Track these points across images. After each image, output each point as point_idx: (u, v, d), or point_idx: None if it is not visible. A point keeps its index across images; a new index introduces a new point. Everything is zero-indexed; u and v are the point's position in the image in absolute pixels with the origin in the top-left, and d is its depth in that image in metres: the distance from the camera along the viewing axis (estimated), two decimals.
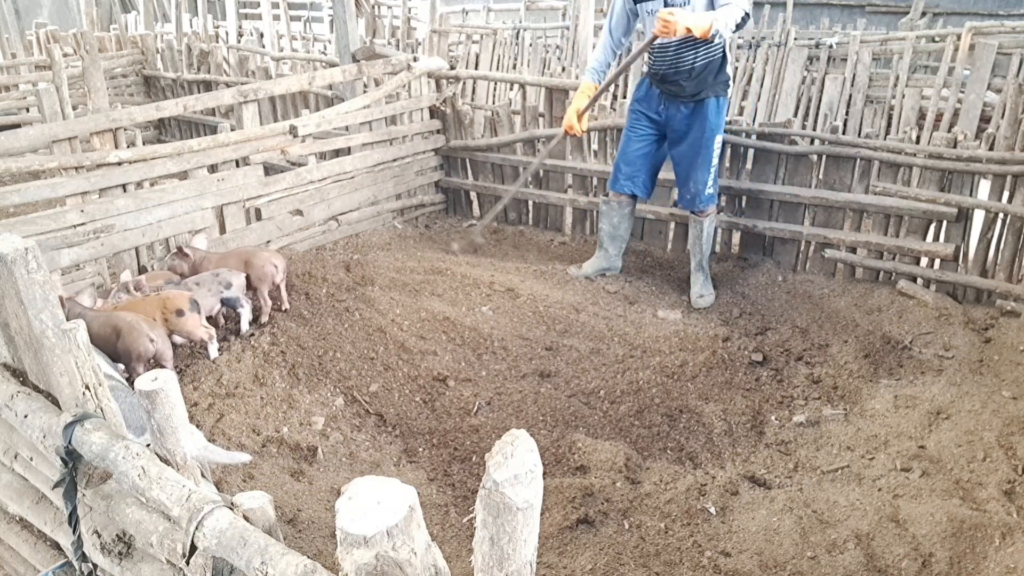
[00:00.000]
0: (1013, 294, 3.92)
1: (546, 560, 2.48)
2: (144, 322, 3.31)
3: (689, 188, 4.19)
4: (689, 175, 4.15)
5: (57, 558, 1.97)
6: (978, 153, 3.96)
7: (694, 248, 4.34)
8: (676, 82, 4.00)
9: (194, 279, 3.76)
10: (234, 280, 3.77)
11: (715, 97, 4.01)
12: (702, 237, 4.28)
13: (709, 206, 4.22)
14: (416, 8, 12.55)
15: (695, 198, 4.19)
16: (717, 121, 4.05)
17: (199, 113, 7.43)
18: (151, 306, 3.46)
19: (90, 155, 3.96)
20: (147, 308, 3.45)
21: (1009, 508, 2.62)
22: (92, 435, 1.59)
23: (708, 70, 3.95)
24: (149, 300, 3.50)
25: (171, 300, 3.48)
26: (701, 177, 4.11)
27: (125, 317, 3.32)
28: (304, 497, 2.79)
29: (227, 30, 13.34)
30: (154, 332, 3.30)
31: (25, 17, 14.38)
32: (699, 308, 4.21)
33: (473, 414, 3.33)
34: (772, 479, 2.93)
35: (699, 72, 3.94)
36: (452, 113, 5.60)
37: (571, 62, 8.82)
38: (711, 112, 4.01)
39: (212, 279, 3.74)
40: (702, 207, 4.20)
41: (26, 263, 1.62)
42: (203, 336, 3.53)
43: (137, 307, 3.46)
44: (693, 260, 4.36)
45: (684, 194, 4.26)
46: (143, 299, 3.53)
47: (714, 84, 3.99)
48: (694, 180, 4.14)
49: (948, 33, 8.14)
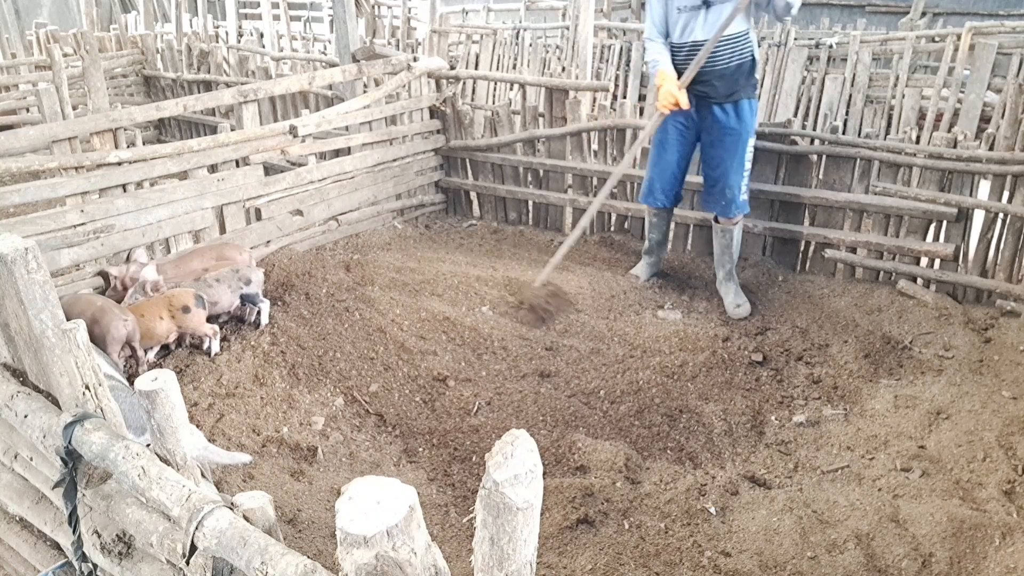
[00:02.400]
0: (1013, 294, 3.92)
1: (546, 560, 2.48)
2: (114, 305, 3.42)
3: (724, 195, 4.04)
4: (723, 180, 4.02)
5: (57, 558, 1.97)
6: (978, 153, 3.96)
7: (722, 258, 4.23)
8: (709, 83, 3.90)
9: (214, 275, 3.84)
10: (253, 276, 3.87)
11: (747, 99, 3.94)
12: (732, 246, 4.19)
13: (742, 213, 4.12)
14: (416, 8, 12.55)
15: (729, 205, 4.05)
16: (752, 122, 3.98)
17: (199, 113, 7.43)
18: (159, 304, 3.54)
19: (90, 155, 3.96)
20: (155, 306, 3.53)
21: (1009, 508, 2.62)
22: (92, 435, 1.59)
23: (740, 71, 3.89)
24: (156, 299, 3.57)
25: (177, 297, 3.57)
26: (735, 182, 4.00)
27: (95, 301, 3.39)
28: (304, 497, 2.79)
29: (227, 30, 13.34)
30: (125, 314, 3.39)
31: (25, 17, 14.37)
32: (739, 318, 4.10)
33: (473, 414, 3.33)
34: (772, 479, 2.93)
35: (732, 72, 3.88)
36: (452, 113, 5.60)
37: (571, 62, 8.81)
38: (745, 114, 3.95)
39: (232, 276, 3.83)
40: (735, 214, 4.09)
41: (26, 263, 1.62)
42: (207, 332, 3.62)
43: (145, 306, 3.53)
44: (722, 270, 4.26)
45: (717, 200, 4.09)
46: (150, 299, 3.59)
47: (746, 85, 3.93)
48: (728, 186, 4.01)
49: (948, 33, 8.14)
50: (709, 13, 3.79)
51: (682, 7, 3.85)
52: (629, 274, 4.59)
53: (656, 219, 4.41)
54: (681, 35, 3.90)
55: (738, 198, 4.05)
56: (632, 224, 5.16)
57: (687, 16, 3.84)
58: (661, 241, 4.49)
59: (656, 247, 4.51)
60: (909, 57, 7.80)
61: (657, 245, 4.50)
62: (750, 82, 3.95)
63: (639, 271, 4.58)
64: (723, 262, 4.25)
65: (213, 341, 3.64)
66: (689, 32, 3.87)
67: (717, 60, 3.85)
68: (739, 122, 3.94)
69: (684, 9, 3.84)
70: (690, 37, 3.87)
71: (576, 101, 5.14)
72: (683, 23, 3.87)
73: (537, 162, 5.30)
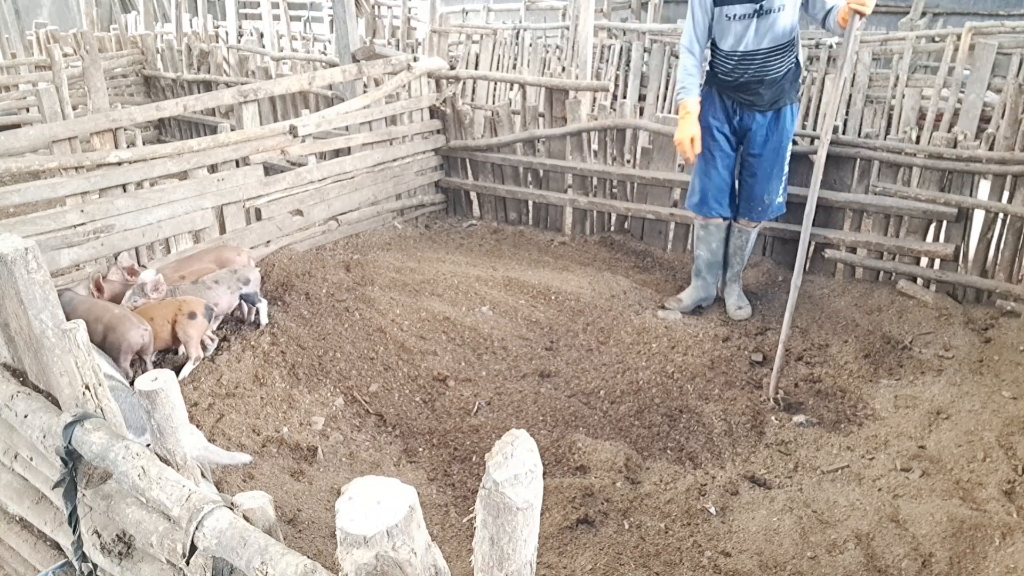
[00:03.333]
0: (1013, 294, 3.92)
1: (546, 560, 2.48)
2: (132, 314, 3.37)
3: (761, 200, 3.97)
4: (763, 186, 3.94)
5: (57, 558, 1.97)
6: (978, 153, 3.96)
7: (734, 258, 4.18)
8: (755, 91, 3.78)
9: (212, 277, 3.80)
10: (252, 276, 3.86)
11: (790, 104, 3.86)
12: (746, 248, 4.14)
13: (778, 214, 4.09)
14: (416, 8, 12.54)
15: (766, 209, 3.99)
16: (791, 128, 3.90)
17: (199, 113, 7.43)
18: (169, 309, 3.50)
19: (90, 155, 3.96)
20: (165, 310, 3.50)
21: (1009, 508, 2.62)
22: (92, 435, 1.59)
23: (787, 78, 3.79)
24: (168, 303, 3.55)
25: (187, 304, 3.53)
26: (775, 187, 3.94)
27: (112, 309, 3.36)
28: (304, 497, 2.79)
29: (227, 30, 13.34)
30: (143, 324, 3.36)
31: (25, 17, 14.38)
32: (739, 319, 4.08)
33: (473, 414, 3.33)
34: (772, 479, 2.93)
35: (780, 80, 3.76)
36: (452, 113, 5.60)
37: (571, 62, 8.81)
38: (787, 120, 3.86)
39: (231, 276, 3.81)
40: (770, 216, 4.07)
41: (26, 263, 1.62)
42: (196, 350, 3.51)
43: (155, 308, 3.51)
44: (729, 270, 4.21)
45: (754, 205, 4.01)
46: (160, 302, 3.56)
47: (790, 91, 3.83)
48: (768, 191, 3.94)
49: (948, 33, 8.13)
50: (761, 22, 3.62)
51: (733, 15, 3.64)
52: (671, 299, 4.24)
53: (704, 232, 4.13)
54: (732, 44, 3.72)
55: (775, 202, 4.00)
56: (632, 224, 5.16)
57: (739, 25, 3.66)
58: (711, 260, 4.16)
59: (705, 267, 4.18)
60: (909, 57, 7.79)
61: (707, 265, 4.17)
62: (794, 88, 3.87)
63: (684, 295, 4.23)
64: (732, 263, 4.19)
65: (190, 363, 3.49)
66: (740, 41, 3.68)
67: (768, 69, 3.73)
68: (781, 129, 3.86)
69: (736, 18, 3.65)
70: (740, 46, 3.69)
71: (576, 101, 5.14)
72: (734, 32, 3.68)
73: (537, 162, 5.30)
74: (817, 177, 3.33)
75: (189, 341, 3.49)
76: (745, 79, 3.77)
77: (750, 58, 3.71)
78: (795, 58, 3.79)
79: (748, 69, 3.74)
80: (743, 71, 3.75)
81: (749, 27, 3.64)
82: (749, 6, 3.58)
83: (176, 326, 3.48)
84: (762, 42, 3.65)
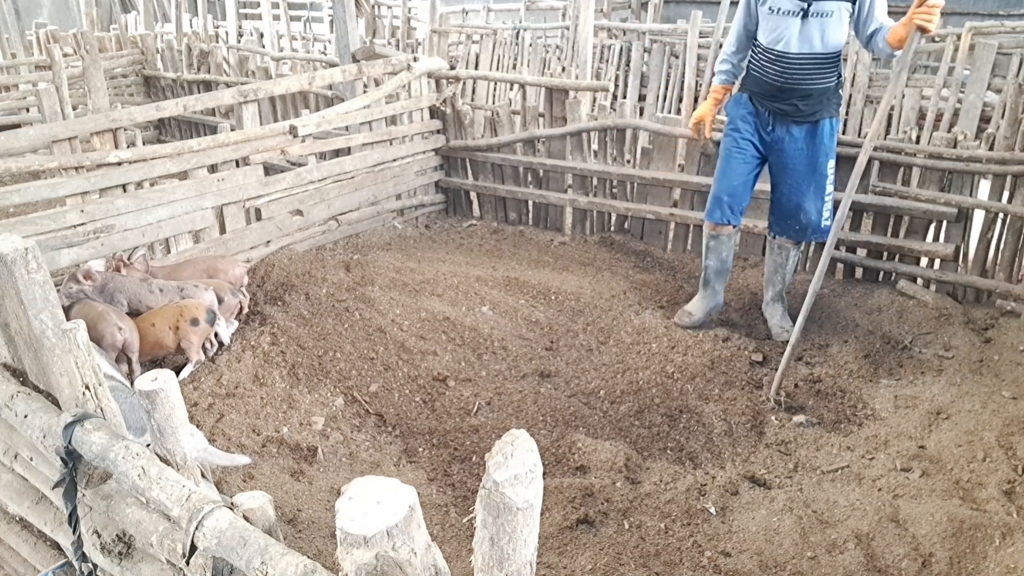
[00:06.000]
0: (1013, 294, 3.92)
1: (546, 560, 2.48)
2: (112, 311, 3.36)
3: (798, 219, 3.72)
4: (800, 204, 3.69)
5: (57, 558, 1.97)
6: (978, 153, 3.96)
7: (774, 276, 3.96)
8: (791, 102, 3.54)
9: (158, 284, 3.68)
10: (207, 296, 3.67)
11: (829, 118, 3.60)
12: (787, 265, 3.91)
13: (822, 238, 3.75)
14: (416, 8, 12.54)
15: (806, 229, 3.73)
16: (831, 144, 3.65)
17: (199, 113, 7.43)
18: (171, 314, 3.49)
19: (90, 155, 3.96)
20: (167, 316, 3.48)
21: (1009, 508, 2.62)
22: (92, 435, 1.59)
23: (827, 90, 3.54)
24: (169, 308, 3.52)
25: (189, 309, 3.50)
26: (815, 207, 3.68)
27: (95, 306, 3.36)
28: (304, 497, 2.79)
29: (227, 30, 13.34)
30: (123, 322, 3.34)
31: (25, 17, 14.38)
32: (782, 341, 3.78)
33: (473, 414, 3.33)
34: (772, 479, 2.93)
35: (819, 92, 3.52)
36: (452, 113, 5.60)
37: (571, 62, 8.81)
38: (826, 135, 3.60)
39: (175, 290, 3.65)
40: (812, 239, 3.81)
41: (26, 263, 1.62)
42: (196, 354, 3.50)
43: (157, 314, 3.50)
44: (771, 289, 4.00)
45: (791, 224, 3.77)
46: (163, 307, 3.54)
47: (828, 104, 3.58)
48: (805, 211, 3.69)
49: (948, 33, 8.13)
50: (805, 25, 3.39)
51: (777, 8, 3.43)
52: (680, 313, 4.01)
53: (714, 241, 3.89)
54: (771, 39, 3.50)
55: (818, 223, 3.71)
56: (632, 224, 5.16)
57: (780, 21, 3.43)
58: (720, 270, 3.94)
59: (714, 277, 3.96)
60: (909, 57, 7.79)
61: (715, 275, 3.95)
62: (834, 101, 3.60)
63: (693, 308, 4.00)
64: (774, 281, 3.97)
65: (189, 366, 3.48)
66: (779, 39, 3.46)
67: (805, 78, 3.49)
68: (817, 144, 3.60)
69: (779, 12, 3.43)
70: (778, 45, 3.47)
71: (576, 101, 5.14)
72: (774, 27, 3.46)
73: (537, 162, 5.30)
74: (853, 185, 3.26)
75: (190, 347, 3.48)
76: (780, 84, 3.53)
77: (787, 61, 3.48)
78: (837, 76, 3.56)
79: (784, 73, 3.51)
80: (779, 74, 3.52)
81: (792, 26, 3.41)
82: (795, 3, 3.38)
83: (178, 332, 3.47)
84: (804, 46, 3.43)
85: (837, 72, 3.55)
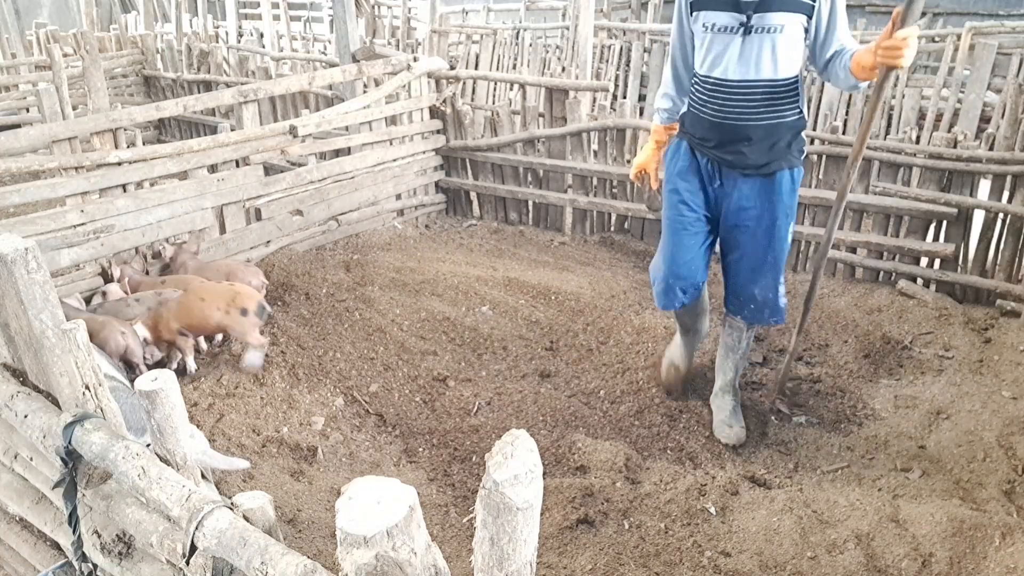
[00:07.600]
0: (1013, 294, 3.92)
1: (546, 560, 2.48)
2: (115, 319, 3.36)
3: (753, 295, 2.96)
4: (754, 277, 2.93)
5: (57, 558, 1.97)
6: (978, 153, 3.97)
7: (724, 362, 3.21)
8: (735, 148, 2.74)
9: (135, 296, 3.69)
10: None
11: (789, 169, 2.80)
12: (739, 349, 3.15)
13: (779, 322, 3.06)
14: (416, 8, 12.54)
15: (762, 310, 2.98)
16: (791, 203, 2.84)
17: (199, 113, 7.43)
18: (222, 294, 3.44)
19: (90, 155, 3.96)
20: (218, 295, 3.43)
21: (1009, 508, 2.62)
22: (92, 435, 1.59)
23: (781, 131, 2.73)
24: (223, 287, 3.47)
25: (242, 296, 3.45)
26: (770, 280, 2.92)
27: (96, 317, 3.36)
28: (304, 497, 2.79)
29: (227, 30, 13.35)
30: (124, 327, 3.34)
31: (25, 17, 14.38)
32: (727, 443, 3.09)
33: (473, 414, 3.33)
34: (772, 479, 2.93)
35: (770, 133, 2.71)
36: (452, 113, 5.60)
37: (571, 62, 8.81)
38: (785, 191, 2.81)
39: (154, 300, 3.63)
40: (770, 322, 3.04)
41: (26, 263, 1.62)
42: (255, 341, 3.45)
43: (208, 290, 3.46)
44: (721, 377, 3.23)
45: (745, 302, 3.01)
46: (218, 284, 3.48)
47: (787, 153, 2.77)
48: (761, 285, 2.93)
49: (948, 33, 8.14)
50: (747, 43, 2.61)
51: (711, 25, 2.65)
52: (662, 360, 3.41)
53: (677, 317, 3.27)
54: (707, 65, 2.71)
55: (775, 301, 2.96)
56: (632, 224, 5.16)
57: (717, 41, 2.66)
58: (694, 327, 3.26)
59: (694, 333, 3.29)
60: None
61: (693, 333, 3.28)
62: (794, 146, 2.79)
63: (673, 355, 3.35)
64: (724, 368, 3.21)
65: (256, 352, 3.43)
66: (716, 64, 2.68)
67: (749, 114, 2.68)
68: (774, 204, 2.81)
69: (714, 29, 2.65)
70: (715, 71, 2.69)
71: (576, 101, 5.14)
72: (710, 49, 2.69)
73: (537, 162, 5.30)
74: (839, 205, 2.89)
75: (245, 335, 3.42)
76: (719, 121, 2.72)
77: (726, 90, 2.69)
78: (797, 111, 2.74)
79: (724, 108, 2.70)
80: (717, 109, 2.72)
81: (731, 45, 2.63)
82: (733, 16, 2.59)
83: (228, 319, 3.42)
84: (747, 71, 2.64)
85: (796, 107, 2.73)
